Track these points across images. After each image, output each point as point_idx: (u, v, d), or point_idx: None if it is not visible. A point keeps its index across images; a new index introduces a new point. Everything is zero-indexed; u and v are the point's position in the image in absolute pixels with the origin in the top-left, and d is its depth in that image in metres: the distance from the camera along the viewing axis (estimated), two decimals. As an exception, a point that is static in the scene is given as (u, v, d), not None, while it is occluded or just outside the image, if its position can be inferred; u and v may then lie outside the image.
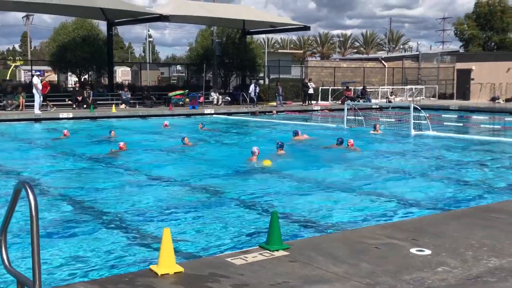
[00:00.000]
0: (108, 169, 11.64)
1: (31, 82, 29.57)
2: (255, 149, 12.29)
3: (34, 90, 24.40)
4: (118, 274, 4.91)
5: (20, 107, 25.50)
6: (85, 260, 5.75)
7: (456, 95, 40.60)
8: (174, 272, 4.25)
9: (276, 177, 10.72)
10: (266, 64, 38.69)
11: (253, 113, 28.25)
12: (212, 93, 31.88)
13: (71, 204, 8.36)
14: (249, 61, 35.37)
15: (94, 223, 7.18)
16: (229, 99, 32.92)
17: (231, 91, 35.61)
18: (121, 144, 13.74)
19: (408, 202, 8.48)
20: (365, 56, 64.55)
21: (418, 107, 20.53)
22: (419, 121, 19.75)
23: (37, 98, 24.31)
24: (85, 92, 27.71)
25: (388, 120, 23.33)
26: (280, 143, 13.65)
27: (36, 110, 24.27)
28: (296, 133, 16.66)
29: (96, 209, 7.99)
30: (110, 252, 6.02)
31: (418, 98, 38.74)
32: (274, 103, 32.30)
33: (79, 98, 27.21)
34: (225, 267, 4.38)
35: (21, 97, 25.65)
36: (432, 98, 41.56)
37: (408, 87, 41.45)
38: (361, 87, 37.26)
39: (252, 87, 31.16)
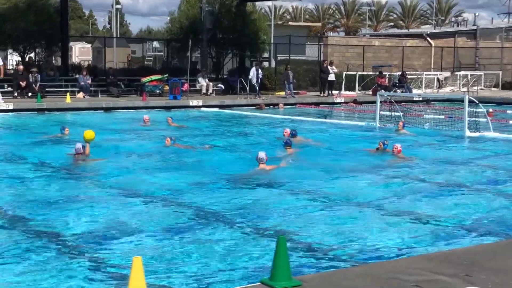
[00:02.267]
0: (63, 179, 11.70)
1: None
2: (262, 155, 12.31)
3: None
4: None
5: None
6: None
7: (527, 84, 40.61)
8: (147, 316, 4.28)
9: (285, 191, 10.75)
10: (272, 41, 38.73)
11: (258, 107, 28.31)
12: (200, 79, 31.92)
13: (13, 220, 8.44)
14: (249, 37, 35.41)
15: (43, 246, 7.25)
16: (223, 87, 32.93)
17: (225, 76, 35.65)
18: (78, 145, 13.62)
19: (460, 226, 8.50)
20: (404, 31, 64.60)
21: (475, 100, 20.56)
22: (476, 119, 19.78)
23: None
24: (30, 76, 27.75)
25: (436, 116, 23.36)
26: (287, 140, 14.21)
27: None
28: (293, 135, 16.56)
29: (47, 229, 8.05)
30: (63, 285, 6.07)
31: (475, 88, 38.74)
32: (283, 93, 32.35)
33: (23, 84, 27.25)
34: (215, 310, 4.41)
35: None
36: (493, 89, 41.57)
37: (462, 73, 41.42)
38: (399, 73, 37.29)
39: (253, 71, 31.16)
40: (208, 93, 31.48)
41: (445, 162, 14.13)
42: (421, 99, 31.68)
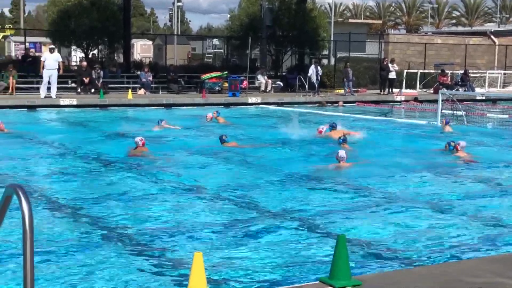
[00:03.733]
0: (125, 174, 11.87)
1: (25, 57, 30.48)
2: (343, 153, 12.54)
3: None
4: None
5: (10, 90, 26.16)
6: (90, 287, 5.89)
7: None
8: (207, 310, 4.29)
9: (345, 189, 10.70)
10: (332, 39, 38.55)
11: (320, 104, 28.35)
12: (259, 76, 31.99)
13: (77, 215, 8.57)
14: (309, 34, 35.34)
15: (101, 240, 7.36)
16: (281, 84, 32.97)
17: (284, 73, 35.66)
18: (139, 139, 13.89)
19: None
20: (467, 29, 63.55)
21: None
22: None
23: (45, 79, 25.32)
24: (93, 72, 28.24)
25: (499, 116, 22.93)
26: (343, 137, 14.71)
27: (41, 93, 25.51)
28: (333, 127, 16.88)
29: (109, 223, 8.17)
30: (125, 279, 6.15)
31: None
32: (342, 91, 32.19)
33: (86, 80, 27.75)
34: (274, 307, 4.40)
35: (11, 78, 26.29)
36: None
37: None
38: (462, 71, 36.69)
39: (312, 68, 31.10)
40: (267, 90, 31.53)
41: (507, 162, 13.81)
42: (484, 98, 31.08)
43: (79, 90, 27.58)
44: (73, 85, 28.23)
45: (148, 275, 6.33)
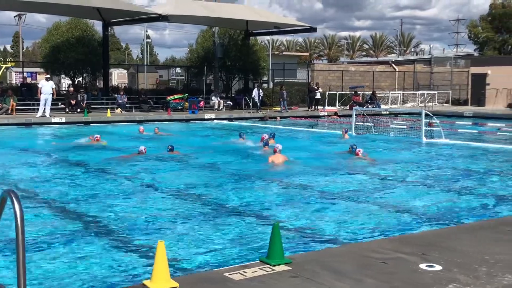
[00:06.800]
0: (99, 177, 11.61)
1: (23, 84, 29.74)
2: (280, 146, 13.13)
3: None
4: (109, 289, 4.90)
5: (10, 111, 25.48)
6: (74, 275, 5.73)
7: (471, 101, 40.49)
8: (169, 288, 4.23)
9: (277, 186, 10.71)
10: (270, 67, 38.74)
11: (262, 119, 28.33)
12: (213, 97, 31.90)
13: (60, 214, 8.35)
14: (252, 64, 35.43)
15: (83, 235, 7.16)
16: (231, 103, 32.94)
17: (233, 95, 35.65)
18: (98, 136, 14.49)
19: (418, 214, 8.42)
20: (374, 59, 64.59)
21: (430, 114, 20.53)
22: (431, 128, 19.74)
23: (41, 102, 24.71)
24: (79, 95, 27.75)
25: (399, 127, 23.33)
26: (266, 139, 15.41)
27: (38, 114, 24.78)
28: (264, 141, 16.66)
29: (86, 219, 7.97)
30: (101, 266, 6.00)
31: (430, 104, 38.67)
32: (279, 108, 32.34)
33: (73, 102, 27.25)
34: (223, 283, 4.36)
35: (11, 100, 25.64)
36: (445, 104, 41.49)
37: (420, 92, 41.38)
38: (370, 92, 37.28)
39: (255, 91, 31.17)
40: (220, 109, 31.44)
41: (404, 162, 14.02)
42: (388, 112, 31.63)
43: (67, 110, 27.03)
44: (62, 106, 27.61)
45: (118, 261, 6.19)
